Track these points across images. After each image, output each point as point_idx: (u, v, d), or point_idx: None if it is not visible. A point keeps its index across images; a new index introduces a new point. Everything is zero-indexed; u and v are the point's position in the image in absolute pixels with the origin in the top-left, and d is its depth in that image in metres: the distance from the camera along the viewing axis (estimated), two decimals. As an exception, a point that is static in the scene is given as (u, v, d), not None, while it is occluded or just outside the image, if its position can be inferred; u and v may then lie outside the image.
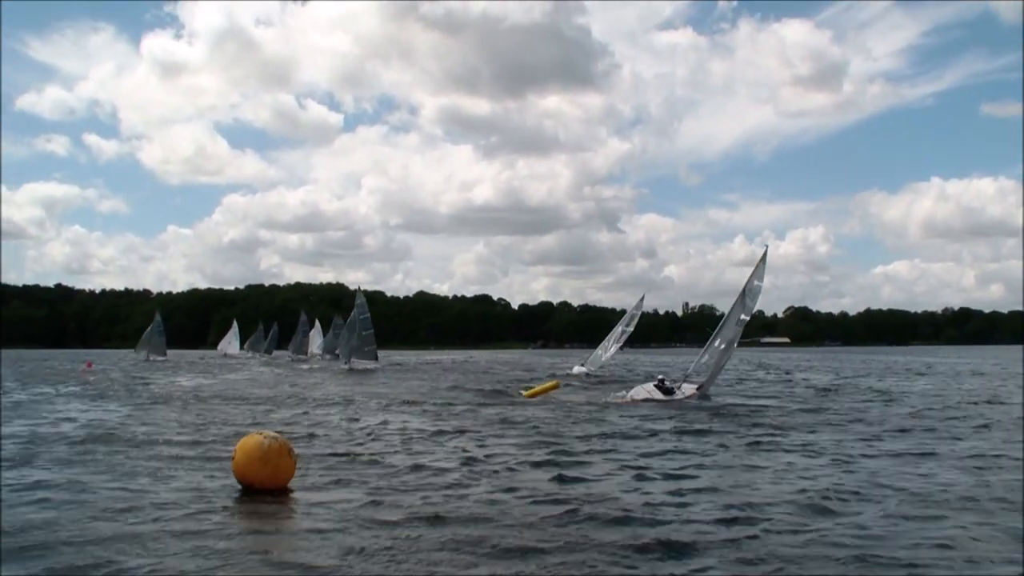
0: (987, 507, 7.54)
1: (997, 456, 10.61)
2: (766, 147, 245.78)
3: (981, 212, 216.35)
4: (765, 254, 20.36)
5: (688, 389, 20.23)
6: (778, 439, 12.43)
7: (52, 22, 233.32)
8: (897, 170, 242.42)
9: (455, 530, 6.64)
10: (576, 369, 34.06)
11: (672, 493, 8.19)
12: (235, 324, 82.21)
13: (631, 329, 33.78)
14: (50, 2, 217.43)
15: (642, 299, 35.12)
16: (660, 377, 21.10)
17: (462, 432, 13.42)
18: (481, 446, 11.72)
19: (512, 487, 8.49)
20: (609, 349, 34.63)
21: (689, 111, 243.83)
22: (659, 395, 19.60)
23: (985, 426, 14.32)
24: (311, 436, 12.74)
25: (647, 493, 8.20)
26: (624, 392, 21.10)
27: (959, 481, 8.82)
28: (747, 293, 20.12)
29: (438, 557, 5.90)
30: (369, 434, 13.16)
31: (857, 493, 8.15)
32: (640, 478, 9.10)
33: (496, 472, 9.45)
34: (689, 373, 21.39)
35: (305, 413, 17.10)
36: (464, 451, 11.19)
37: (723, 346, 20.32)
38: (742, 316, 20.12)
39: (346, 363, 41.55)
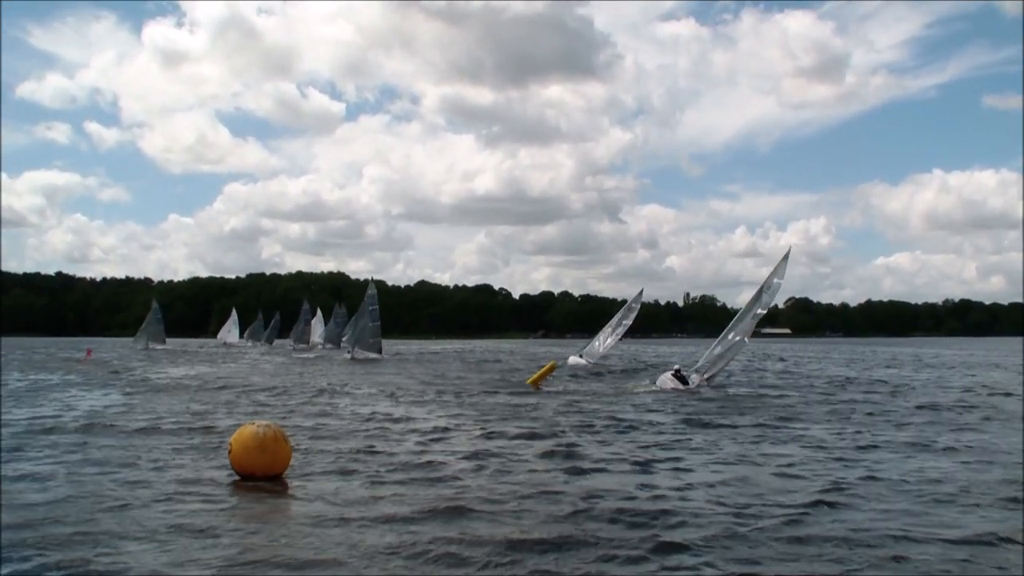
0: (989, 501, 7.48)
1: (1005, 452, 10.54)
2: (768, 138, 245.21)
3: (982, 204, 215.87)
4: (788, 254, 21.28)
5: (695, 379, 20.95)
6: (783, 431, 12.37)
7: (54, 10, 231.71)
8: (899, 162, 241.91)
9: (461, 523, 6.58)
10: (572, 360, 34.06)
11: (676, 487, 8.14)
12: (234, 312, 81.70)
13: (629, 322, 34.10)
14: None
15: (640, 293, 35.40)
16: (677, 367, 21.74)
17: (467, 423, 13.36)
18: (486, 437, 11.65)
19: (518, 479, 8.43)
20: (605, 341, 34.81)
21: (691, 102, 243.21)
22: (680, 384, 20.41)
23: (987, 418, 14.27)
24: (315, 427, 12.69)
25: (652, 487, 8.13)
26: (648, 381, 22.18)
27: (962, 474, 8.76)
28: (765, 289, 20.98)
29: (443, 550, 5.84)
30: (373, 424, 13.09)
31: (861, 486, 8.09)
32: (645, 471, 9.04)
33: (502, 464, 9.38)
34: (700, 365, 21.82)
35: (308, 403, 17.06)
36: (469, 442, 11.16)
37: (737, 338, 21.07)
38: (758, 311, 20.88)
39: (349, 353, 41.32)
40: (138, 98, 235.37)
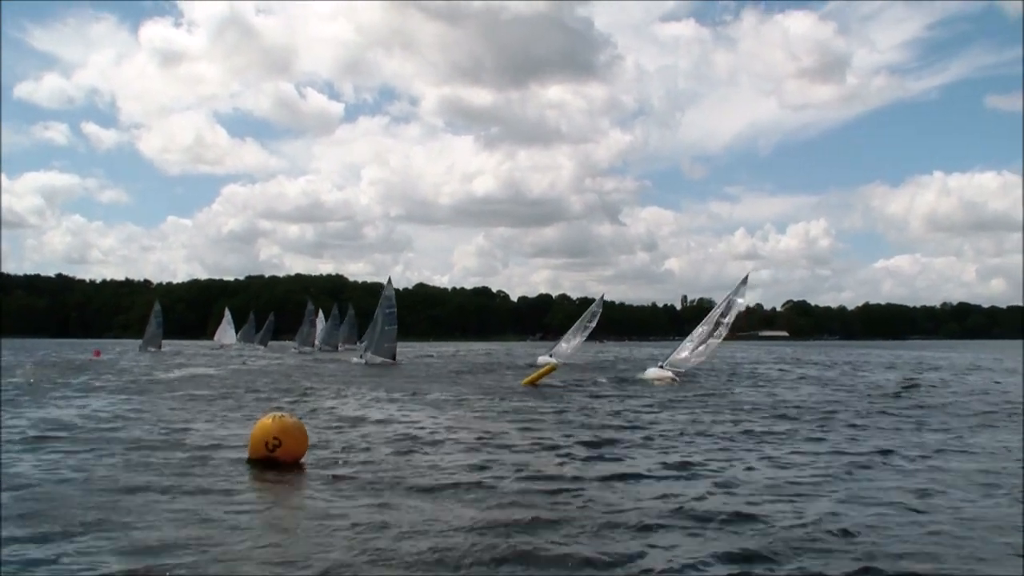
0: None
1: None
2: (769, 140, 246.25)
3: (983, 207, 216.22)
4: (746, 278, 26.04)
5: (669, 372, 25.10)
6: (791, 434, 12.50)
7: (56, 11, 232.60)
8: (900, 164, 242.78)
9: (489, 535, 6.49)
10: (542, 359, 35.62)
11: (683, 486, 8.37)
12: (227, 313, 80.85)
13: (593, 325, 37.83)
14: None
15: (602, 297, 40.19)
16: (660, 365, 25.88)
17: (485, 431, 12.84)
18: (502, 445, 11.18)
19: (541, 481, 8.44)
20: (572, 342, 38.38)
21: (692, 103, 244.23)
22: (670, 374, 24.56)
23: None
24: (333, 430, 12.70)
25: (656, 491, 8.26)
26: (639, 375, 26.09)
27: (966, 476, 8.78)
28: (729, 304, 25.61)
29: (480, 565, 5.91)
30: (382, 431, 12.81)
31: (867, 491, 8.15)
32: (682, 474, 9.20)
33: (516, 469, 9.15)
34: (668, 363, 25.82)
35: (317, 405, 17.21)
36: (485, 447, 10.97)
37: (715, 341, 25.34)
38: (724, 319, 25.24)
39: (361, 356, 38.96)
40: (136, 98, 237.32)
